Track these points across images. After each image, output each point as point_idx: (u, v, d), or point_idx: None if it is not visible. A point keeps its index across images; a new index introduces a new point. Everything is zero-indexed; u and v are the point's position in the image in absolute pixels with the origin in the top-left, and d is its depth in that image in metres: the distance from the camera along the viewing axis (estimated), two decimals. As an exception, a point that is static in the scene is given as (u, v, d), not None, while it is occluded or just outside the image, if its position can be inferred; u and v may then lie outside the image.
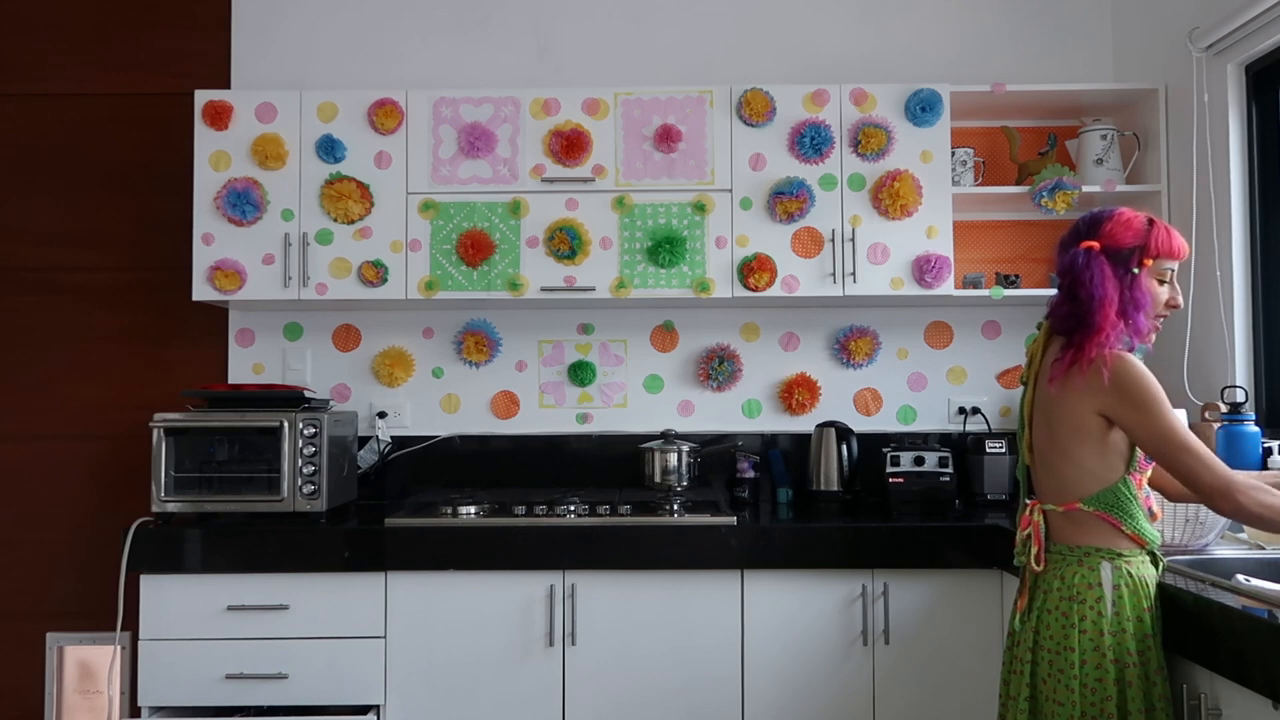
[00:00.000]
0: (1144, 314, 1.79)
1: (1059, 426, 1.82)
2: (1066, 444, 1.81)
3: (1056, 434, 1.83)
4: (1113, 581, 1.75)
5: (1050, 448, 1.85)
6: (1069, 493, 1.81)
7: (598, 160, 2.86)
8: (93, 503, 3.12)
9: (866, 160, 2.86)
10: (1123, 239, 1.81)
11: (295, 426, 2.69)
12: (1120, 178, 2.97)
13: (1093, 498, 1.78)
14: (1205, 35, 2.65)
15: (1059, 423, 1.82)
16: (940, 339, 3.21)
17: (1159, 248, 1.81)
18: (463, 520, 2.61)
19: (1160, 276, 1.83)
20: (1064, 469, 1.82)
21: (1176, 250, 1.82)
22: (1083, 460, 1.79)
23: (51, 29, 3.17)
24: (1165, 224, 1.83)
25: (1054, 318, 1.86)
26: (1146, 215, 1.84)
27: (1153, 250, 1.80)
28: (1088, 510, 1.78)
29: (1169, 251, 1.82)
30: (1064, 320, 1.83)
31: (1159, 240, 1.81)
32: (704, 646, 2.53)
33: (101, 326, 3.16)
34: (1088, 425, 1.78)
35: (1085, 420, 1.78)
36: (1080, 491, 1.80)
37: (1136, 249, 1.80)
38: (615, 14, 3.24)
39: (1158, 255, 1.81)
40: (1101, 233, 1.82)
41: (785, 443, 3.15)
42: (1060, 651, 1.76)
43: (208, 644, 2.53)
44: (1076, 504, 1.80)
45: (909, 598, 2.53)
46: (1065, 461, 1.81)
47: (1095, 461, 1.79)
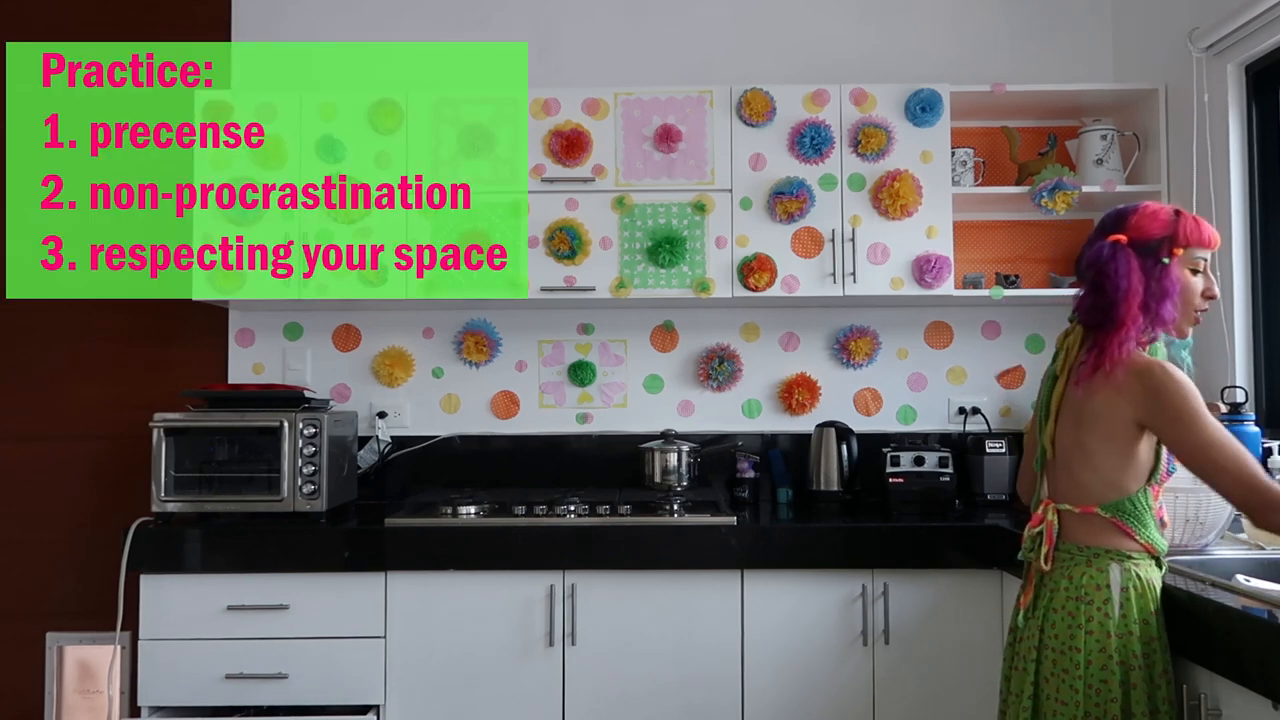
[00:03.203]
0: (1170, 303, 1.76)
1: (1088, 431, 1.79)
2: (1093, 449, 1.78)
3: (1084, 438, 1.80)
4: (1121, 584, 1.74)
5: (1074, 449, 1.82)
6: (1087, 497, 1.79)
7: (598, 160, 2.86)
8: (93, 503, 3.12)
9: (866, 160, 2.86)
10: (1150, 230, 1.79)
11: (295, 426, 2.69)
12: (1120, 178, 2.97)
13: (1110, 505, 1.77)
14: (1205, 35, 2.65)
15: (1089, 427, 1.79)
16: (940, 339, 3.21)
17: (1188, 237, 1.79)
18: (463, 520, 2.61)
19: (1193, 266, 1.81)
20: (1084, 473, 1.80)
21: (1207, 239, 1.80)
22: (1106, 468, 1.77)
23: (52, 29, 3.17)
24: (1194, 215, 1.81)
25: (1080, 310, 1.84)
26: (1173, 207, 1.83)
27: (1181, 240, 1.78)
28: (1104, 516, 1.77)
29: (1199, 240, 1.80)
30: (1089, 312, 1.81)
31: (1187, 230, 1.79)
32: (704, 646, 2.53)
33: (101, 326, 3.16)
34: (1121, 433, 1.75)
35: (1119, 428, 1.75)
36: (1098, 497, 1.78)
37: (1165, 239, 1.78)
38: (615, 14, 3.24)
39: (1188, 244, 1.79)
40: (1128, 225, 1.80)
41: (785, 443, 3.15)
42: (1065, 652, 1.75)
43: (208, 644, 2.53)
44: (1094, 509, 1.78)
45: (909, 598, 2.53)
46: (1086, 466, 1.79)
47: (1118, 471, 1.76)
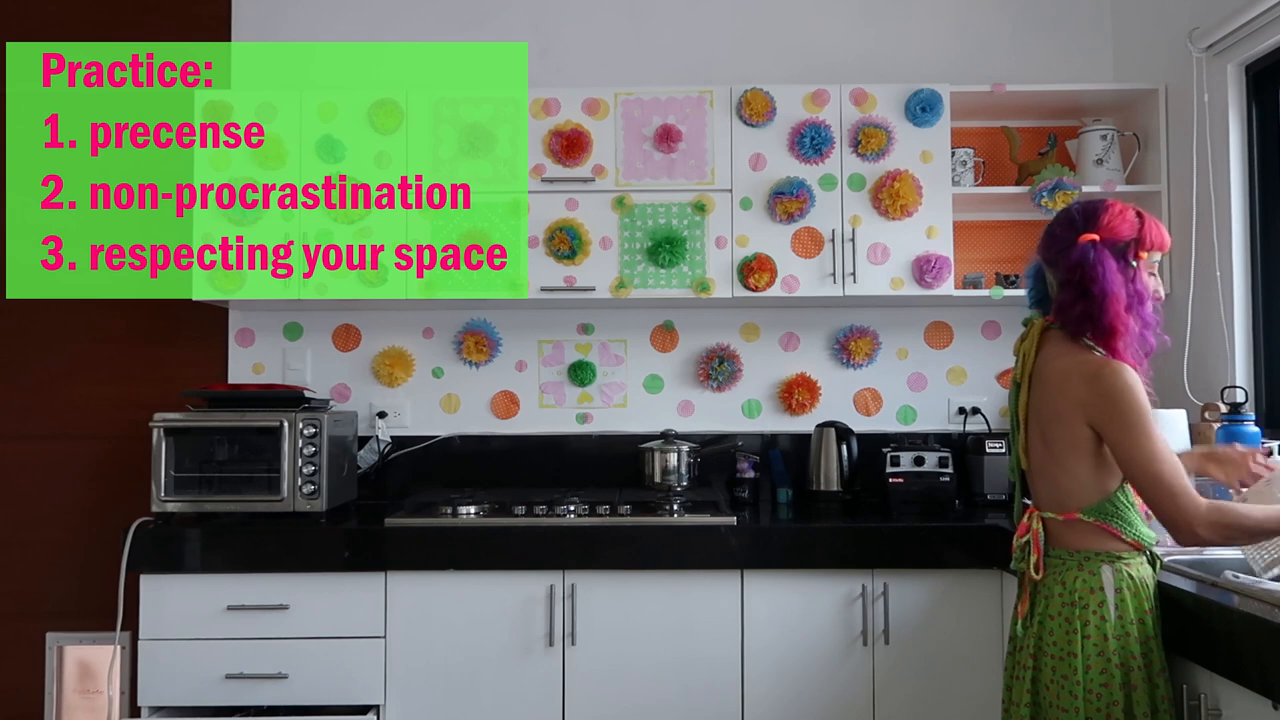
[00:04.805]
0: (1147, 305, 1.77)
1: (1054, 437, 1.79)
2: (1063, 457, 1.78)
3: (1052, 445, 1.80)
4: (1114, 585, 1.74)
5: (1046, 457, 1.82)
6: (1068, 503, 1.79)
7: (598, 160, 2.85)
8: (93, 503, 3.12)
9: (866, 160, 2.85)
10: (1121, 231, 1.78)
11: (295, 426, 2.69)
12: (1120, 178, 2.97)
13: (1092, 508, 1.77)
14: (1205, 35, 2.65)
15: (1054, 433, 1.79)
16: (940, 339, 3.21)
17: (1152, 240, 1.80)
18: (463, 520, 2.61)
19: (1150, 269, 1.82)
20: (1061, 479, 1.80)
21: (1166, 243, 1.82)
22: (1079, 473, 1.77)
23: (52, 29, 3.17)
24: (1152, 216, 1.83)
25: (1066, 317, 1.80)
26: (1134, 208, 1.83)
27: (1147, 243, 1.79)
28: (1088, 521, 1.77)
29: (1160, 244, 1.81)
30: (1079, 321, 1.77)
31: (1152, 233, 1.80)
32: (704, 646, 2.53)
33: (101, 326, 3.16)
34: (1081, 438, 1.76)
35: (1078, 433, 1.75)
36: (1079, 502, 1.78)
37: (1132, 242, 1.79)
38: (615, 14, 3.24)
39: (1150, 248, 1.80)
40: (1101, 225, 1.79)
41: (785, 443, 3.15)
42: (1064, 658, 1.75)
43: (208, 644, 2.53)
44: (1076, 514, 1.78)
45: (909, 598, 2.53)
46: (1062, 473, 1.79)
47: (1091, 475, 1.77)
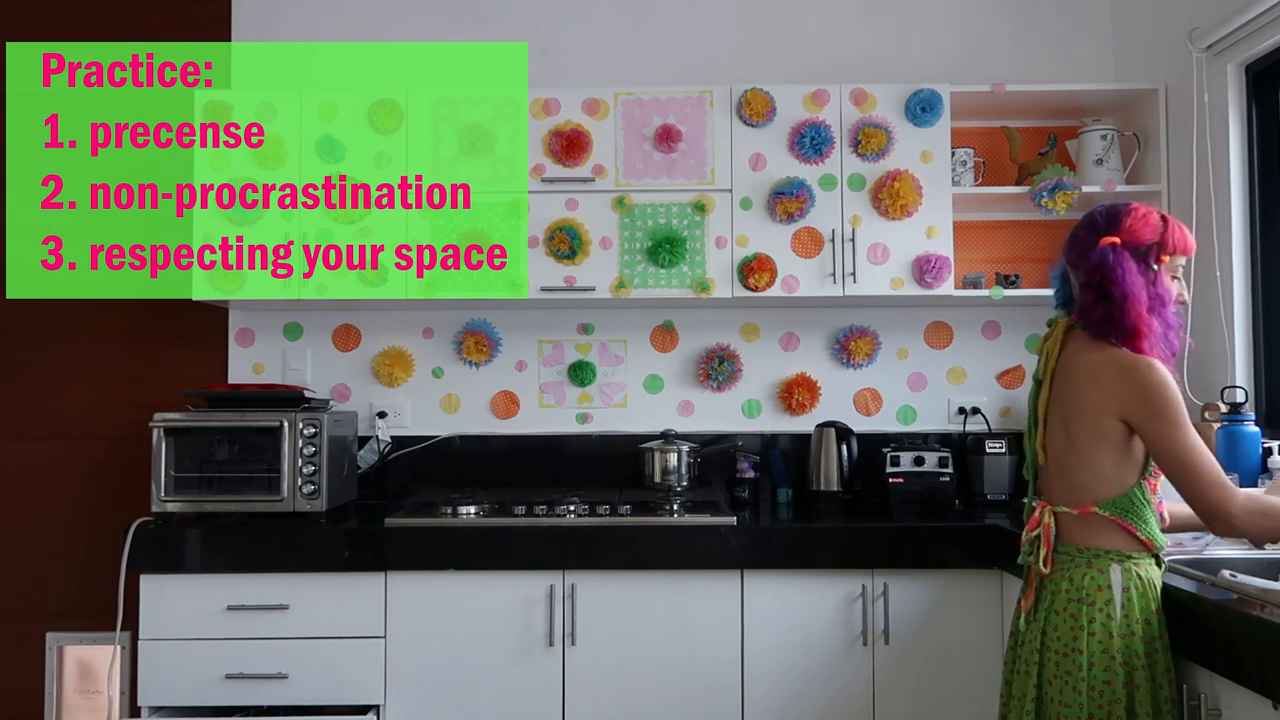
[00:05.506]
0: (1169, 308, 1.78)
1: (1077, 430, 1.80)
2: (1084, 447, 1.79)
3: (1075, 437, 1.80)
4: (1122, 584, 1.74)
5: (1066, 450, 1.82)
6: (1084, 496, 1.79)
7: (598, 160, 2.85)
8: (93, 503, 3.12)
9: (866, 160, 2.85)
10: (1143, 235, 1.79)
11: (295, 426, 2.69)
12: (1120, 178, 2.97)
13: (1108, 502, 1.77)
14: (1205, 35, 2.65)
15: (1078, 426, 1.80)
16: (940, 339, 3.21)
17: (1175, 244, 1.80)
18: (463, 520, 2.61)
19: (1173, 273, 1.83)
20: (1079, 472, 1.80)
21: (1190, 247, 1.83)
22: (1100, 465, 1.77)
23: (52, 29, 3.16)
24: (1176, 220, 1.83)
25: (1088, 319, 1.81)
26: (1159, 212, 1.84)
27: (1169, 247, 1.80)
28: (1103, 515, 1.77)
29: (1184, 248, 1.81)
30: (1100, 323, 1.78)
31: (1175, 237, 1.80)
32: (704, 646, 2.53)
33: (101, 326, 3.16)
34: (1109, 430, 1.76)
35: (1106, 425, 1.76)
36: (1096, 495, 1.78)
37: (1154, 245, 1.79)
38: (615, 14, 3.24)
39: (1173, 252, 1.80)
40: (1122, 228, 1.80)
41: (785, 443, 3.15)
42: (1068, 654, 1.75)
43: (207, 644, 2.53)
44: (1091, 507, 1.78)
45: (909, 598, 2.53)
46: (1081, 465, 1.79)
47: (1113, 467, 1.77)
